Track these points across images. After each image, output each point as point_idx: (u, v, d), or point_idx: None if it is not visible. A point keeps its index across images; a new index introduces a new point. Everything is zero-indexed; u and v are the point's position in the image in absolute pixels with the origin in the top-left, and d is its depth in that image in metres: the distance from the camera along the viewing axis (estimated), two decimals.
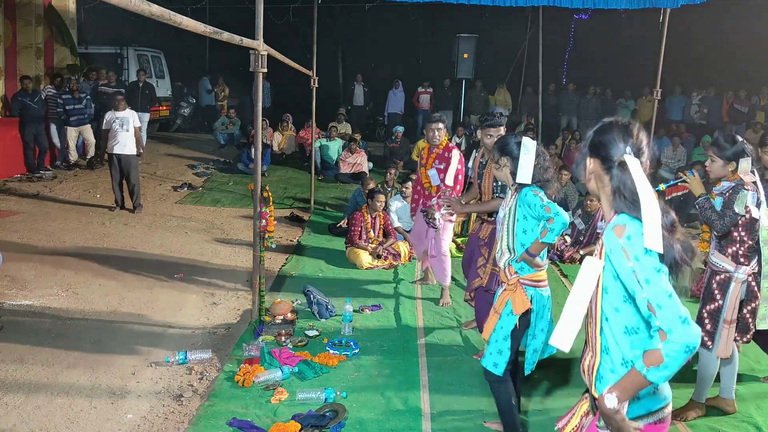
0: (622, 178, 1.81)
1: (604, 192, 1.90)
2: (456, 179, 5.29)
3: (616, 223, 1.77)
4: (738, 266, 3.52)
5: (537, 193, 3.06)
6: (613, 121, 1.94)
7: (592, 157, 1.91)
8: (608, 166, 1.86)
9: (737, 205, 3.44)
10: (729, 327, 3.56)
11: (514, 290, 3.09)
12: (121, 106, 8.04)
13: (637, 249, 1.70)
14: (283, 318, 4.93)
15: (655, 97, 7.99)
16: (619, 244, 1.73)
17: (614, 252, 1.75)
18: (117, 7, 2.32)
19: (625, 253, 1.72)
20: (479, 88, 14.83)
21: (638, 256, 1.70)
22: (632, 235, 1.72)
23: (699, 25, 13.64)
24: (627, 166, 1.81)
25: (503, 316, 3.08)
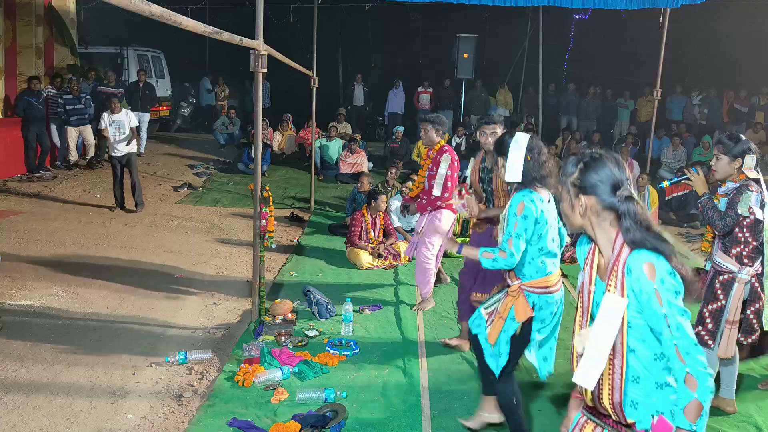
0: (633, 211, 1.81)
1: (601, 228, 1.88)
2: (445, 187, 5.03)
3: (644, 260, 1.75)
4: (742, 267, 3.52)
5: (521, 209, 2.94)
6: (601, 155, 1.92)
7: (587, 194, 1.88)
8: (610, 203, 1.85)
9: (741, 205, 3.44)
10: (731, 327, 3.55)
11: (517, 297, 3.05)
12: (117, 109, 8.03)
13: (669, 294, 1.73)
14: (283, 318, 4.93)
15: (655, 97, 8.00)
16: (652, 287, 1.73)
17: (645, 293, 1.75)
18: (117, 7, 2.32)
19: (659, 298, 1.73)
20: (479, 88, 14.83)
21: (671, 301, 1.72)
22: (665, 279, 1.73)
23: (699, 25, 13.66)
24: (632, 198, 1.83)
25: (507, 321, 3.06)
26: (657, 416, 1.82)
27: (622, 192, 1.84)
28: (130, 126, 8.06)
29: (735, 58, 14.29)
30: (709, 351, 3.61)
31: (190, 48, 16.83)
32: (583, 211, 1.90)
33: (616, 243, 1.83)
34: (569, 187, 1.93)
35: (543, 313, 3.03)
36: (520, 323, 3.02)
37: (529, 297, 3.03)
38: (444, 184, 5.03)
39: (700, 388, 1.71)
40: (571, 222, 1.97)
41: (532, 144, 3.04)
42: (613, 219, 1.85)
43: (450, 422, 3.60)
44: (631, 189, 1.86)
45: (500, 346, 3.05)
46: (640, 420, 1.85)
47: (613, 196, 1.84)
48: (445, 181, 5.03)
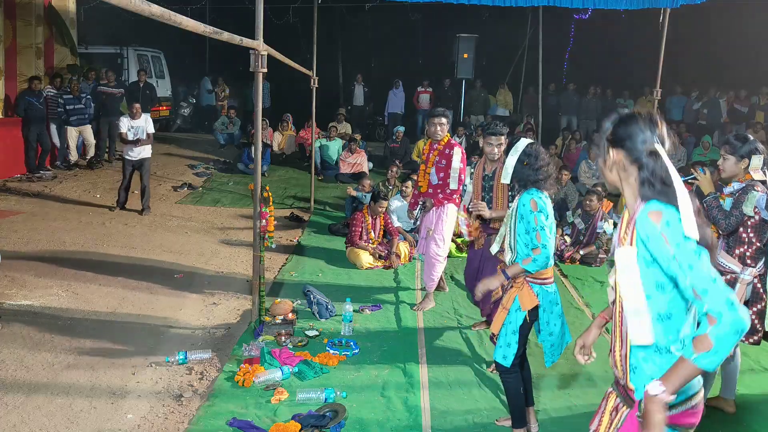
0: (653, 167, 1.83)
1: (627, 182, 1.91)
2: (460, 180, 5.14)
3: (651, 209, 1.77)
4: (744, 268, 3.52)
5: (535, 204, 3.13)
6: (635, 113, 1.95)
7: (616, 148, 1.92)
8: (636, 157, 1.87)
9: (745, 205, 3.44)
10: None
11: (521, 288, 3.20)
12: (138, 114, 8.06)
13: (677, 235, 1.71)
14: (283, 318, 4.92)
15: (655, 97, 7.99)
16: (657, 230, 1.74)
17: (652, 239, 1.75)
18: (117, 7, 2.32)
19: (665, 239, 1.72)
20: (479, 88, 14.83)
21: (679, 242, 1.70)
22: (671, 221, 1.72)
23: (699, 25, 13.64)
24: (659, 154, 1.84)
25: (511, 312, 3.20)
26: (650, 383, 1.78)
27: (648, 146, 1.86)
28: (147, 132, 8.09)
29: (735, 58, 14.29)
30: None
31: (190, 48, 16.84)
32: (611, 166, 1.94)
33: (638, 198, 1.86)
34: (605, 142, 1.97)
35: (544, 301, 3.22)
36: (526, 312, 3.16)
37: (533, 287, 3.19)
38: (459, 177, 5.13)
39: (717, 326, 1.61)
40: (605, 177, 2.00)
41: (530, 150, 3.23)
42: (637, 174, 1.87)
43: (450, 422, 3.60)
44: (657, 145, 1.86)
45: (507, 336, 3.19)
46: (636, 387, 1.85)
47: (639, 151, 1.86)
48: (459, 174, 5.13)
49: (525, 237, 3.17)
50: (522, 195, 3.21)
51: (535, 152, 3.21)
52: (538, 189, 3.19)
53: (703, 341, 1.63)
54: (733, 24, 13.41)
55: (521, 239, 3.18)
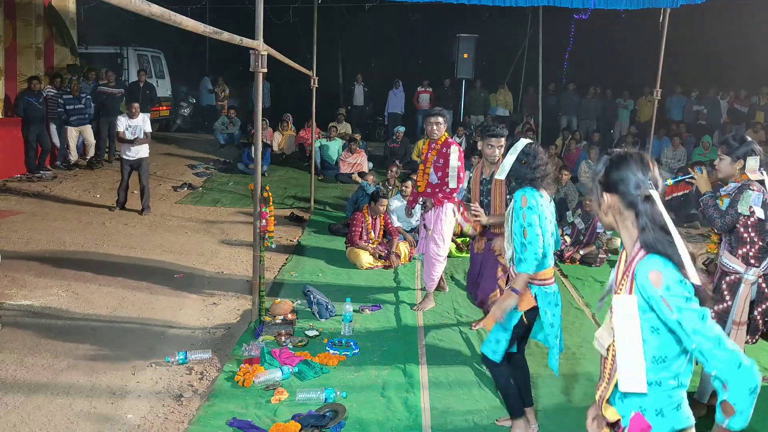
0: (650, 212, 1.80)
1: (624, 226, 1.88)
2: (458, 178, 5.15)
3: (651, 267, 1.74)
4: (748, 267, 3.51)
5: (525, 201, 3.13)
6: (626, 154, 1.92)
7: (609, 192, 1.89)
8: (630, 201, 1.84)
9: (741, 204, 3.44)
10: (738, 328, 3.54)
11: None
12: (135, 113, 8.05)
13: (678, 300, 1.70)
14: (283, 318, 4.93)
15: (655, 97, 7.99)
16: (658, 294, 1.72)
17: (653, 300, 1.74)
18: (117, 7, 2.32)
19: (667, 305, 1.71)
20: (479, 88, 14.83)
21: (680, 306, 1.69)
22: (671, 286, 1.71)
23: (698, 25, 13.64)
24: (653, 200, 1.81)
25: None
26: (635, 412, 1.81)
27: (642, 191, 1.83)
28: (144, 131, 8.08)
29: (735, 58, 14.29)
30: None
31: (190, 48, 16.83)
32: (606, 209, 1.91)
33: (636, 243, 1.83)
34: (597, 185, 1.95)
35: (543, 303, 3.20)
36: (522, 312, 3.17)
37: (531, 288, 3.19)
38: (457, 175, 5.14)
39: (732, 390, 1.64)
40: (601, 219, 1.99)
41: (528, 149, 3.26)
42: (634, 218, 1.84)
43: (450, 422, 3.60)
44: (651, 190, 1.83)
45: (498, 332, 3.22)
46: (624, 414, 1.85)
47: (633, 195, 1.84)
48: (458, 173, 5.14)
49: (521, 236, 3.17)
50: (515, 193, 3.23)
51: (534, 152, 3.24)
52: (534, 188, 3.20)
53: (726, 407, 1.67)
54: (732, 24, 13.42)
55: (517, 238, 3.18)
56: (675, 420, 1.81)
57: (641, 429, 1.79)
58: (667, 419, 1.80)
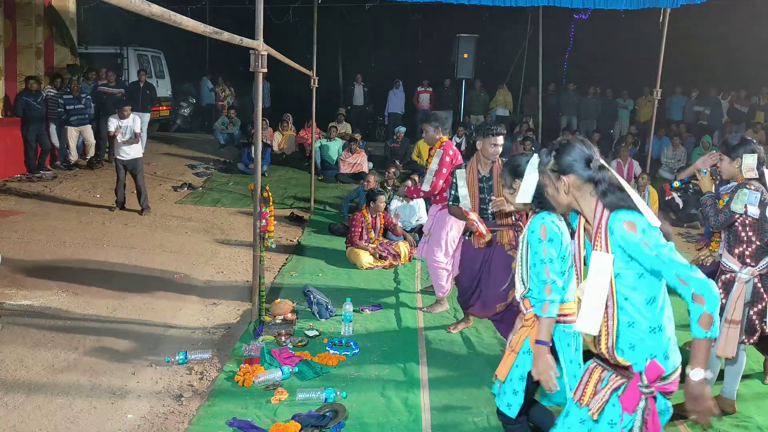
0: (607, 178, 2.12)
1: (584, 199, 2.18)
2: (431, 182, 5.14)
3: (623, 218, 2.03)
4: (743, 266, 3.52)
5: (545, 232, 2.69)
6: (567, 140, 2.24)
7: (567, 174, 2.18)
8: (588, 175, 2.15)
9: (735, 202, 3.45)
10: (730, 326, 3.54)
11: (532, 327, 2.76)
12: (126, 114, 8.04)
13: (653, 238, 2.00)
14: (283, 318, 4.93)
15: (655, 97, 8.00)
16: (637, 238, 2.01)
17: (632, 245, 2.02)
18: (117, 7, 2.32)
19: (646, 246, 2.00)
20: (479, 88, 14.83)
21: (656, 243, 1.99)
22: (645, 229, 2.01)
23: (699, 25, 13.65)
24: (605, 166, 2.13)
25: (520, 355, 2.79)
26: (650, 359, 2.08)
27: (595, 163, 2.14)
28: (134, 131, 8.07)
29: (735, 58, 14.29)
30: None
31: (190, 48, 16.82)
32: (567, 189, 2.20)
33: (597, 208, 2.13)
34: (549, 174, 2.24)
35: (561, 344, 2.77)
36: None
37: None
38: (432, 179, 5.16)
39: (707, 301, 1.91)
40: (559, 202, 2.28)
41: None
42: (592, 189, 2.15)
43: (450, 422, 3.60)
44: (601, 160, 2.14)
45: (514, 383, 2.79)
46: (635, 362, 2.10)
47: (588, 170, 2.15)
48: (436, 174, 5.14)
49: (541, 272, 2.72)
50: (533, 219, 2.78)
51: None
52: (551, 211, 2.76)
53: (705, 319, 1.92)
54: (732, 24, 13.42)
55: (533, 271, 2.76)
56: (674, 360, 2.11)
57: (657, 374, 2.07)
58: (670, 360, 2.10)
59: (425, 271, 6.56)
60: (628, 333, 2.10)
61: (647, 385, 2.08)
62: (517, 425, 2.88)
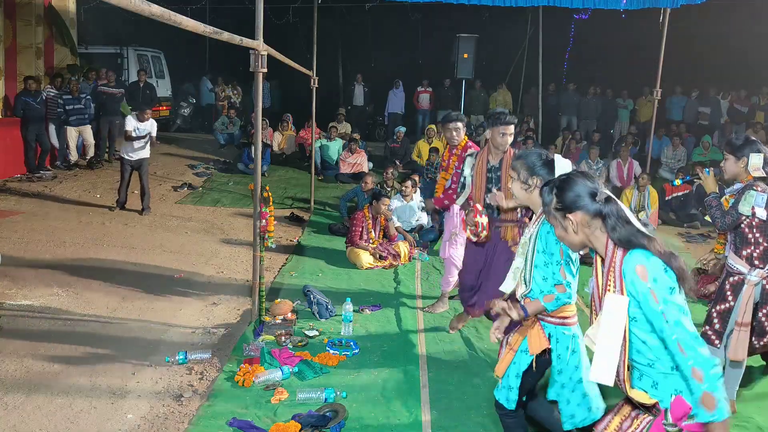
0: (614, 211, 1.95)
1: (594, 236, 2.01)
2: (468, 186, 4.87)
3: (636, 262, 1.87)
4: (752, 268, 3.50)
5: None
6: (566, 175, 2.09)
7: (573, 212, 2.01)
8: (596, 210, 1.98)
9: (742, 204, 3.42)
10: (740, 329, 3.52)
11: (531, 327, 2.79)
12: (146, 117, 8.09)
13: (664, 291, 1.83)
14: (283, 318, 4.93)
15: (655, 97, 8.00)
16: (646, 287, 1.85)
17: (641, 293, 1.86)
18: (117, 7, 2.32)
19: (654, 297, 1.84)
20: (479, 88, 14.83)
21: (666, 298, 1.83)
22: (657, 278, 1.84)
23: (699, 25, 13.64)
24: (612, 198, 1.98)
25: (518, 354, 2.80)
26: (676, 395, 1.90)
27: (601, 196, 1.98)
28: (151, 135, 8.15)
29: (735, 58, 14.29)
30: (715, 350, 3.60)
31: (190, 48, 16.83)
32: (576, 228, 2.03)
33: (608, 246, 1.96)
34: (554, 213, 2.08)
35: (560, 346, 2.76)
36: (533, 356, 2.75)
37: (545, 328, 2.77)
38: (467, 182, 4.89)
39: (707, 379, 1.78)
40: (571, 243, 2.10)
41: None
42: (601, 225, 1.98)
43: (450, 422, 3.60)
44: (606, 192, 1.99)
45: (510, 379, 2.81)
46: (661, 399, 1.95)
47: (595, 203, 1.98)
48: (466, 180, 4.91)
49: (544, 269, 2.73)
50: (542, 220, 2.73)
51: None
52: None
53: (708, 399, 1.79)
54: (732, 24, 13.41)
55: (539, 272, 2.74)
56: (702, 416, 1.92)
57: (684, 411, 1.90)
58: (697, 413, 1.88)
59: (425, 271, 6.57)
60: (650, 372, 1.96)
61: (672, 424, 1.92)
62: (513, 418, 2.90)
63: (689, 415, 1.90)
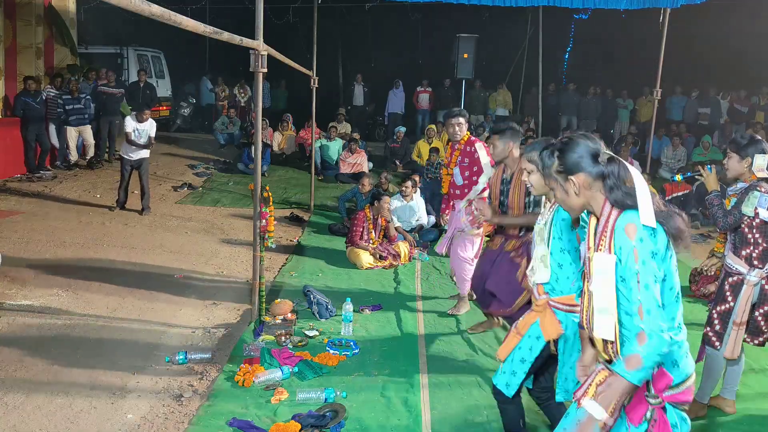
0: (616, 170, 1.96)
1: (594, 198, 2.02)
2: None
3: (628, 221, 1.89)
4: (751, 269, 3.49)
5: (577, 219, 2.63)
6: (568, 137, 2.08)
7: (575, 173, 2.02)
8: (598, 171, 1.99)
9: (746, 204, 3.41)
10: (738, 329, 3.53)
11: (543, 312, 2.79)
12: (145, 118, 8.10)
13: (645, 253, 1.86)
14: (283, 318, 4.93)
15: (655, 97, 8.00)
16: (631, 245, 1.88)
17: (624, 251, 1.89)
18: (117, 7, 2.32)
19: (635, 255, 1.87)
20: (479, 88, 14.84)
21: (645, 260, 1.86)
22: (643, 238, 1.87)
23: (699, 25, 13.64)
24: (615, 158, 1.97)
25: (525, 338, 2.81)
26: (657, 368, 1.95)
27: (603, 156, 1.99)
28: (150, 135, 8.16)
29: (735, 58, 14.29)
30: (716, 352, 3.60)
31: (190, 48, 16.83)
32: (577, 189, 2.03)
33: (605, 207, 1.98)
34: (555, 176, 2.08)
35: (568, 331, 2.79)
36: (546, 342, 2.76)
37: (557, 314, 2.78)
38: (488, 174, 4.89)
39: (647, 346, 1.83)
40: (571, 206, 2.10)
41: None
42: (601, 186, 1.99)
43: (450, 422, 3.60)
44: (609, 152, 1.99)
45: (514, 364, 2.81)
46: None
47: (598, 165, 1.99)
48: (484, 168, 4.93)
49: (559, 255, 2.76)
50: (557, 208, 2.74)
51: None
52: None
53: (633, 359, 1.85)
54: (732, 24, 13.41)
55: (555, 258, 2.76)
56: (686, 367, 1.98)
57: (665, 383, 1.95)
58: (680, 368, 1.97)
59: (425, 271, 6.57)
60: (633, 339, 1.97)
61: (654, 395, 1.95)
62: (512, 405, 2.92)
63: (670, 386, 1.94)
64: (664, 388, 1.95)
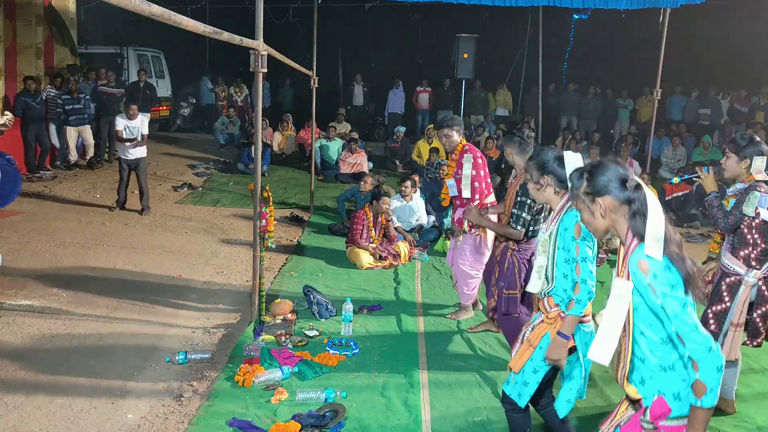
0: (640, 197, 1.96)
1: (618, 222, 2.03)
2: (473, 188, 4.79)
3: (640, 256, 1.90)
4: (749, 269, 3.49)
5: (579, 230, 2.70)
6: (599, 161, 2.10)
7: (602, 196, 2.03)
8: (626, 196, 1.99)
9: (746, 205, 3.41)
10: (736, 330, 3.53)
11: (553, 325, 2.80)
12: (133, 114, 8.07)
13: (663, 286, 1.86)
14: (283, 318, 4.93)
15: (655, 97, 8.00)
16: (645, 281, 1.89)
17: (641, 287, 1.91)
18: (117, 7, 2.32)
19: (653, 291, 1.88)
20: (479, 88, 14.83)
21: (665, 293, 1.86)
22: (657, 274, 1.87)
23: (699, 25, 13.65)
24: (641, 185, 1.98)
25: (536, 350, 2.82)
26: (657, 395, 1.97)
27: (631, 183, 2.00)
28: (141, 132, 8.11)
29: (735, 58, 14.29)
30: None
31: (190, 48, 16.83)
32: (603, 212, 2.04)
33: (628, 234, 1.99)
34: (583, 197, 2.09)
35: (579, 343, 2.80)
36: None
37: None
38: (471, 184, 4.78)
39: (702, 369, 1.83)
40: (596, 228, 2.11)
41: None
42: (626, 211, 2.00)
43: (450, 422, 3.60)
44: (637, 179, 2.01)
45: (526, 375, 2.83)
46: (645, 396, 2.01)
47: (625, 190, 2.00)
48: (471, 182, 4.78)
49: (564, 266, 2.76)
50: (566, 216, 2.76)
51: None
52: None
53: (698, 386, 1.85)
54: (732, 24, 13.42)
55: (559, 269, 2.77)
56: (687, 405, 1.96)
57: (662, 412, 1.95)
58: (683, 402, 1.95)
59: (425, 271, 6.57)
60: (641, 367, 2.02)
61: (649, 421, 1.98)
62: (521, 414, 2.93)
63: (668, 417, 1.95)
64: (660, 417, 1.97)
